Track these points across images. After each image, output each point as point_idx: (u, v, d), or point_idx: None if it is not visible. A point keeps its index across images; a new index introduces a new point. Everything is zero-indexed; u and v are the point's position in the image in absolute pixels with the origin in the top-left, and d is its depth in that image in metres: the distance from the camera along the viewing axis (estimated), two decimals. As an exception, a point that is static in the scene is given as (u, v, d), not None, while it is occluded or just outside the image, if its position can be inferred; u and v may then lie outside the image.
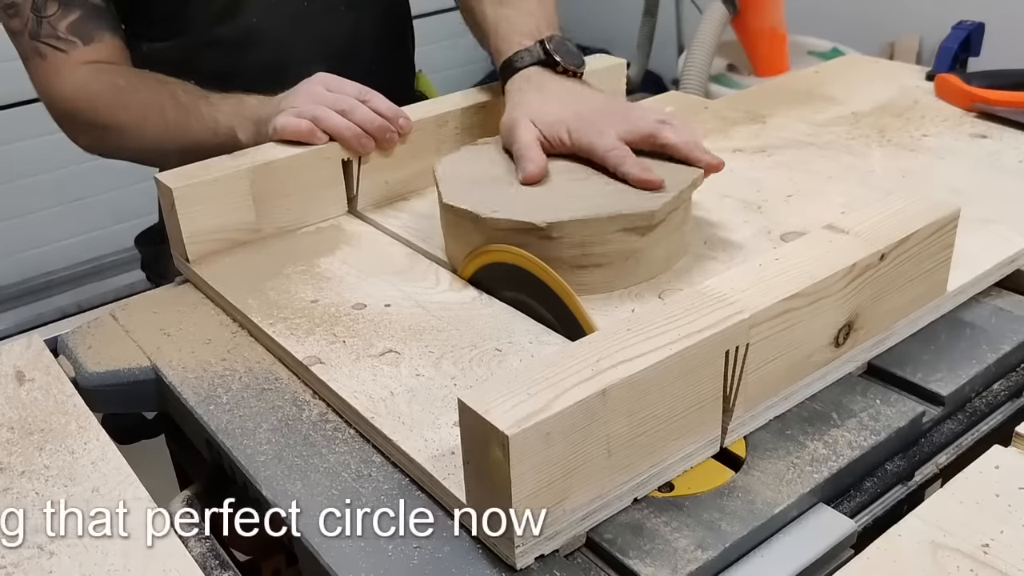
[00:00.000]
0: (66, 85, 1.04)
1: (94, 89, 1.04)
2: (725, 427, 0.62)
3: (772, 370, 0.62)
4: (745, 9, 2.28)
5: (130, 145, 1.05)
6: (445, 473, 0.59)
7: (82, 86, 1.03)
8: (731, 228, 0.88)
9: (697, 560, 0.54)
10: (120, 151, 1.09)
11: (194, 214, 0.86)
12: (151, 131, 1.02)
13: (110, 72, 1.05)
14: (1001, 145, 1.04)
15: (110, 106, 1.03)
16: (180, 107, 1.01)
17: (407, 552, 0.56)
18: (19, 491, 0.62)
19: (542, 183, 0.82)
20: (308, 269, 0.86)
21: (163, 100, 1.02)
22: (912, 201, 0.70)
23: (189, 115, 1.00)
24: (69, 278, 2.79)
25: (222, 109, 0.99)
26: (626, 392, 0.54)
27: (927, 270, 0.70)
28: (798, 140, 1.08)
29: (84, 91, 1.03)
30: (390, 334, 0.75)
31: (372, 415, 0.65)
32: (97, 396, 0.75)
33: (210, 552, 0.63)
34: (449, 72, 3.14)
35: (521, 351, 0.71)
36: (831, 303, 0.64)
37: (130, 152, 1.09)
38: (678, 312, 0.59)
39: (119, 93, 1.04)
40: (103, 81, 1.04)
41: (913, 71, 1.28)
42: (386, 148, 0.96)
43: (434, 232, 0.88)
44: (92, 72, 1.04)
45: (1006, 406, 0.72)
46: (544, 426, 0.51)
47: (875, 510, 0.63)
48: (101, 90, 1.04)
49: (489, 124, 1.02)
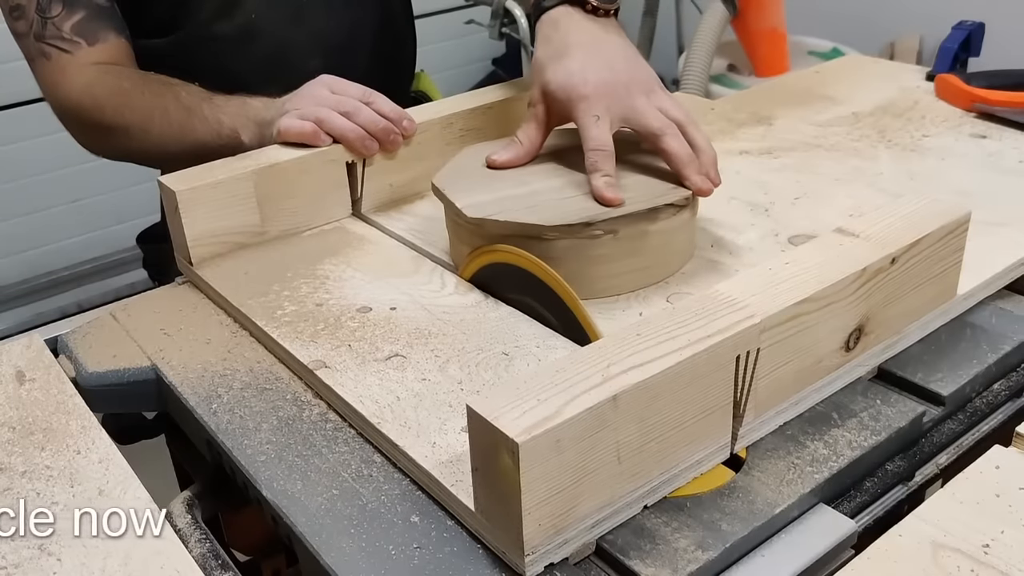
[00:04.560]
0: (71, 86, 1.03)
1: (99, 90, 1.03)
2: (735, 433, 0.61)
3: (782, 375, 0.62)
4: (745, 9, 2.28)
5: (134, 147, 1.04)
6: (453, 480, 0.59)
7: (87, 87, 1.03)
8: (739, 230, 0.88)
9: (698, 560, 0.54)
10: (124, 153, 1.09)
11: (198, 217, 0.86)
12: (155, 133, 1.02)
13: (115, 73, 1.05)
14: (1001, 145, 1.04)
15: (115, 107, 1.02)
16: (184, 109, 1.01)
17: (408, 553, 0.56)
18: (20, 491, 0.62)
19: (544, 173, 0.83)
20: (312, 272, 0.85)
21: (167, 102, 1.01)
22: (922, 204, 0.70)
23: (193, 117, 1.00)
24: (70, 278, 2.78)
25: (226, 111, 0.99)
26: (637, 398, 0.53)
27: (938, 273, 0.70)
28: (805, 142, 1.07)
29: (89, 92, 1.03)
30: (395, 338, 0.74)
31: (378, 420, 0.65)
32: (97, 396, 0.75)
33: (210, 552, 0.62)
34: (449, 72, 3.13)
35: (528, 355, 0.71)
36: (842, 307, 0.63)
37: (134, 154, 1.09)
38: (688, 317, 0.58)
39: (124, 95, 1.03)
40: (108, 82, 1.03)
41: (913, 71, 1.28)
42: (390, 150, 0.96)
43: (439, 234, 0.87)
44: (97, 73, 1.04)
45: (1006, 406, 0.72)
46: (554, 433, 0.50)
47: (875, 510, 0.63)
48: (106, 91, 1.03)
49: (494, 126, 1.02)
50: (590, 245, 0.76)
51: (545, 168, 0.84)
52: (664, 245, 0.79)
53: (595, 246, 0.76)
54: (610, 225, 0.75)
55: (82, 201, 2.78)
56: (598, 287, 0.78)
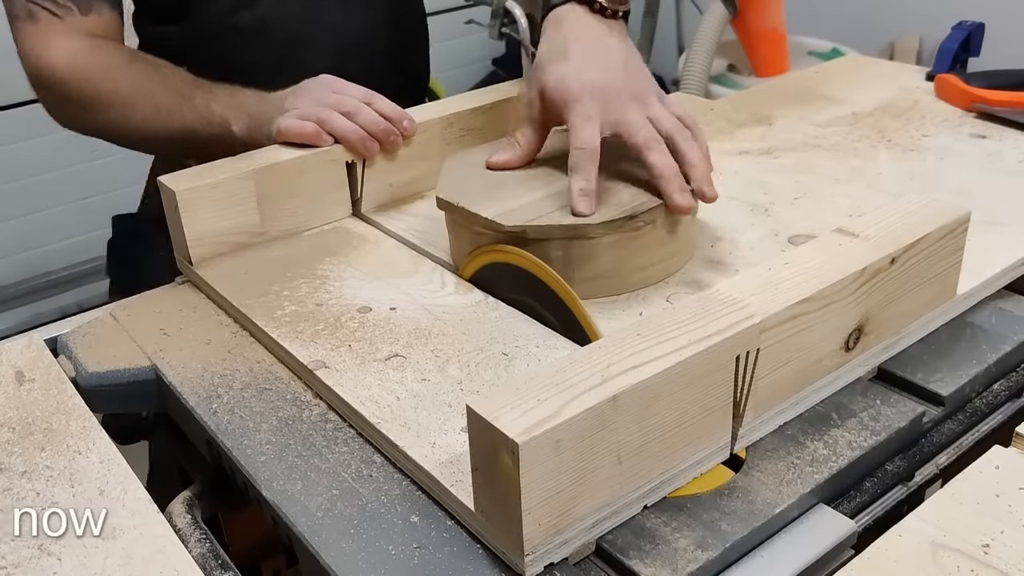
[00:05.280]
0: (56, 53, 0.99)
1: (84, 61, 0.99)
2: (735, 433, 0.61)
3: (782, 375, 0.62)
4: (745, 9, 2.28)
5: (115, 125, 1.01)
6: (453, 480, 0.59)
7: (72, 57, 0.99)
8: (738, 230, 0.88)
9: (697, 560, 0.54)
10: (103, 130, 1.04)
11: (198, 217, 0.86)
12: (139, 113, 0.99)
13: (103, 47, 1.02)
14: (1001, 145, 1.04)
15: (100, 82, 0.99)
16: (174, 92, 0.99)
17: (407, 552, 0.56)
18: (20, 491, 0.62)
19: (546, 175, 0.83)
20: (312, 272, 0.85)
21: (155, 84, 1.00)
22: (922, 204, 0.70)
23: (183, 101, 0.98)
24: (70, 278, 2.78)
25: (218, 98, 0.98)
26: (637, 398, 0.53)
27: (937, 273, 0.70)
28: (804, 142, 1.07)
29: (74, 62, 0.99)
30: (395, 338, 0.74)
31: (378, 421, 0.65)
32: (97, 396, 0.75)
33: (210, 552, 0.62)
34: (449, 72, 3.13)
35: (528, 355, 0.71)
36: (841, 307, 0.63)
37: (113, 133, 1.04)
38: (688, 317, 0.58)
39: (110, 70, 1.00)
40: (95, 55, 1.00)
41: (913, 71, 1.28)
42: (390, 151, 0.96)
43: (439, 234, 0.87)
44: (85, 44, 1.00)
45: (1006, 406, 0.72)
46: (554, 433, 0.50)
47: (875, 510, 0.63)
48: (92, 64, 1.00)
49: (495, 126, 1.02)
50: (632, 237, 0.77)
51: (548, 171, 0.84)
52: (691, 224, 0.82)
53: (637, 237, 0.77)
54: (651, 216, 0.77)
55: (82, 201, 2.77)
56: (636, 279, 0.79)
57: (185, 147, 0.88)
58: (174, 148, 0.87)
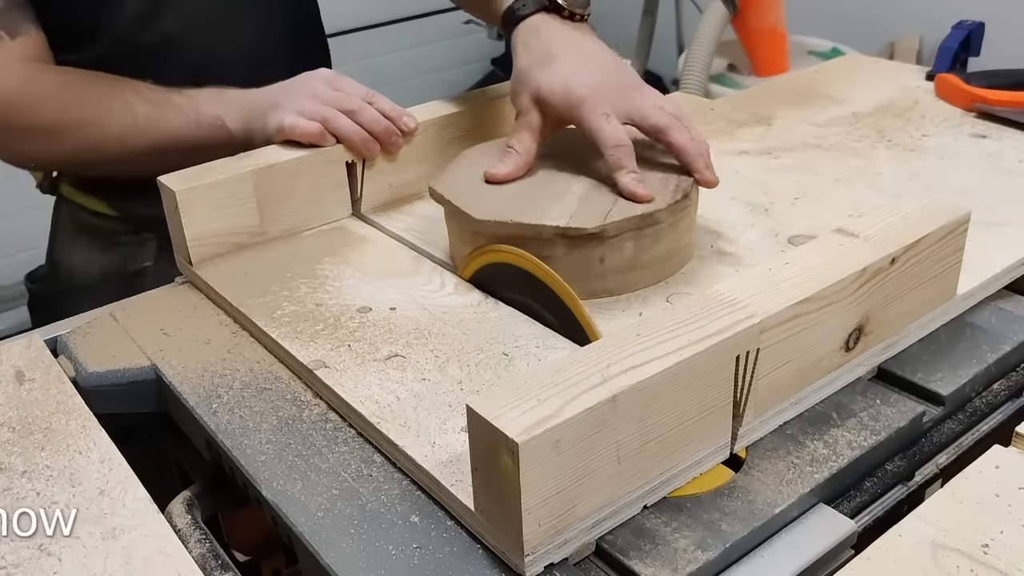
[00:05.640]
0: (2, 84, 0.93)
1: (40, 87, 0.94)
2: (735, 433, 0.61)
3: (782, 375, 0.62)
4: (745, 9, 2.28)
5: (87, 145, 0.96)
6: (453, 480, 0.59)
7: (22, 86, 0.94)
8: (738, 230, 0.88)
9: (697, 560, 0.54)
10: (71, 155, 0.99)
11: (197, 217, 0.86)
12: (116, 127, 0.95)
13: (55, 70, 0.97)
14: (1001, 145, 1.04)
15: (64, 104, 0.94)
16: (149, 101, 0.96)
17: (407, 552, 0.56)
18: (20, 491, 0.62)
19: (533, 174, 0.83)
20: (312, 272, 0.85)
21: (126, 95, 0.95)
22: (922, 204, 0.70)
23: (162, 108, 0.95)
24: (69, 278, 2.78)
25: (201, 99, 0.96)
26: (636, 398, 0.53)
27: (937, 274, 0.70)
28: (804, 142, 1.07)
29: (26, 90, 0.94)
30: (395, 338, 0.74)
31: (378, 420, 0.65)
32: (97, 396, 0.75)
33: (210, 552, 0.62)
34: (449, 72, 3.13)
35: (528, 355, 0.71)
36: (841, 307, 0.63)
37: (85, 154, 0.97)
38: (688, 317, 0.58)
39: (72, 89, 0.95)
40: (49, 79, 0.96)
41: (913, 71, 1.28)
42: (391, 152, 0.95)
43: (438, 234, 0.87)
44: (33, 70, 0.95)
45: (1006, 406, 0.72)
46: (554, 433, 0.50)
47: (875, 510, 0.63)
48: (48, 88, 0.95)
49: (494, 127, 1.02)
50: (648, 235, 0.77)
51: (542, 176, 0.83)
52: (691, 223, 0.84)
53: (652, 235, 0.77)
54: (695, 192, 0.79)
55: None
56: (650, 275, 0.79)
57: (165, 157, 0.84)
58: (151, 160, 0.84)
